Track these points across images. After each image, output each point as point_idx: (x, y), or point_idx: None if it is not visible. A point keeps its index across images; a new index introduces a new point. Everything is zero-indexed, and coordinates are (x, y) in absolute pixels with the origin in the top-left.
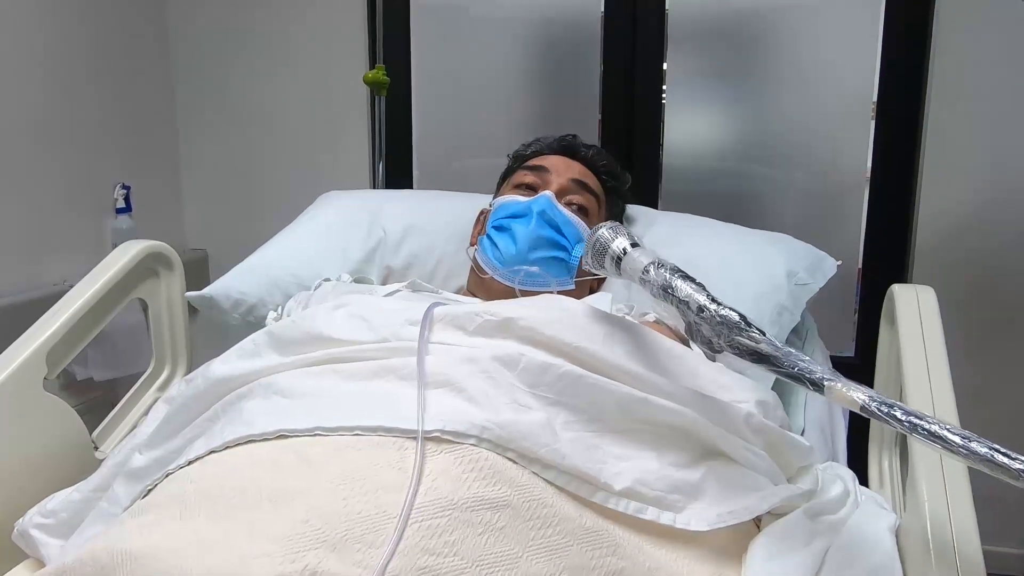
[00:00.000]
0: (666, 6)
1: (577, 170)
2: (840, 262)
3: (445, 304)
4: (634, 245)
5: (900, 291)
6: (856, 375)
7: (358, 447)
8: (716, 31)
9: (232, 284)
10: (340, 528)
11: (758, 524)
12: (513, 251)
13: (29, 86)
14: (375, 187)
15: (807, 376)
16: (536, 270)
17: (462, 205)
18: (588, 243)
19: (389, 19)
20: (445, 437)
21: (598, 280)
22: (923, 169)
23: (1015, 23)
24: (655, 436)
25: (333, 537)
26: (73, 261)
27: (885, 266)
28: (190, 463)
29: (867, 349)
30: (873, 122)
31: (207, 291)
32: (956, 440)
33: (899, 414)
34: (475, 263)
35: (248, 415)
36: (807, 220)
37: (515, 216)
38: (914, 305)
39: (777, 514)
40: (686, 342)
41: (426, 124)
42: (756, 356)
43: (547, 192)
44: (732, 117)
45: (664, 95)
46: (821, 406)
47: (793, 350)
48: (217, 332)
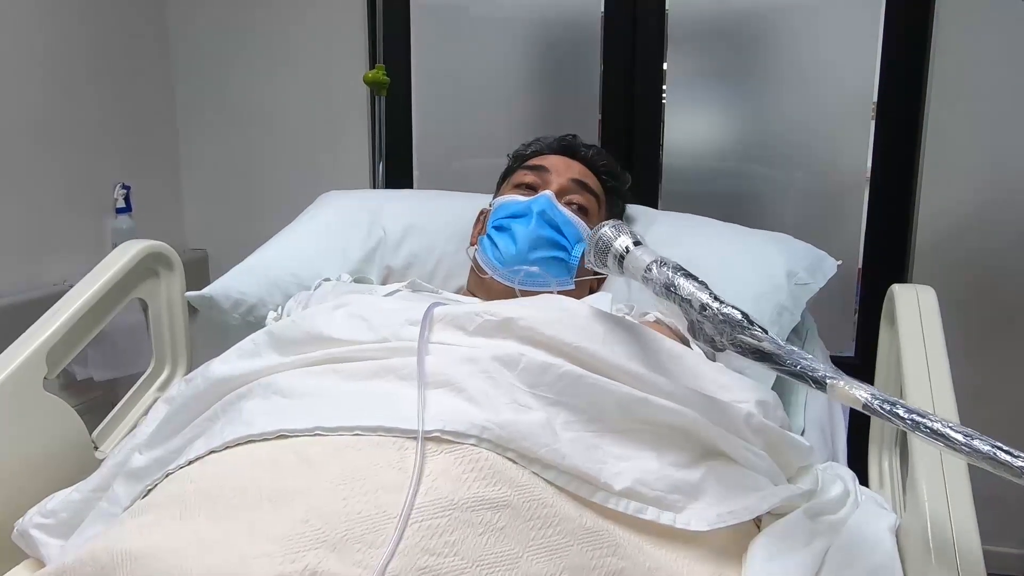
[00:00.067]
0: (666, 6)
1: (577, 170)
2: (840, 262)
3: (445, 304)
4: (637, 243)
5: (900, 291)
6: (856, 375)
7: (358, 447)
8: (716, 31)
9: (232, 284)
10: (340, 528)
11: (758, 524)
12: (513, 251)
13: (29, 86)
14: (375, 187)
15: (809, 374)
16: (536, 270)
17: (462, 205)
18: (590, 241)
19: (389, 19)
20: (445, 437)
21: (598, 280)
22: (923, 169)
23: (1015, 23)
24: (655, 436)
25: (333, 537)
26: (73, 261)
27: (885, 266)
28: (190, 463)
29: (867, 349)
30: (873, 122)
31: (207, 291)
32: (958, 438)
33: (901, 412)
34: (475, 263)
35: (248, 415)
36: (807, 220)
37: (515, 216)
38: (914, 305)
39: (777, 514)
40: (686, 342)
41: (426, 124)
42: (758, 354)
43: (547, 192)
44: (732, 117)
45: (664, 95)
46: (821, 406)
47: (795, 348)
48: (217, 332)
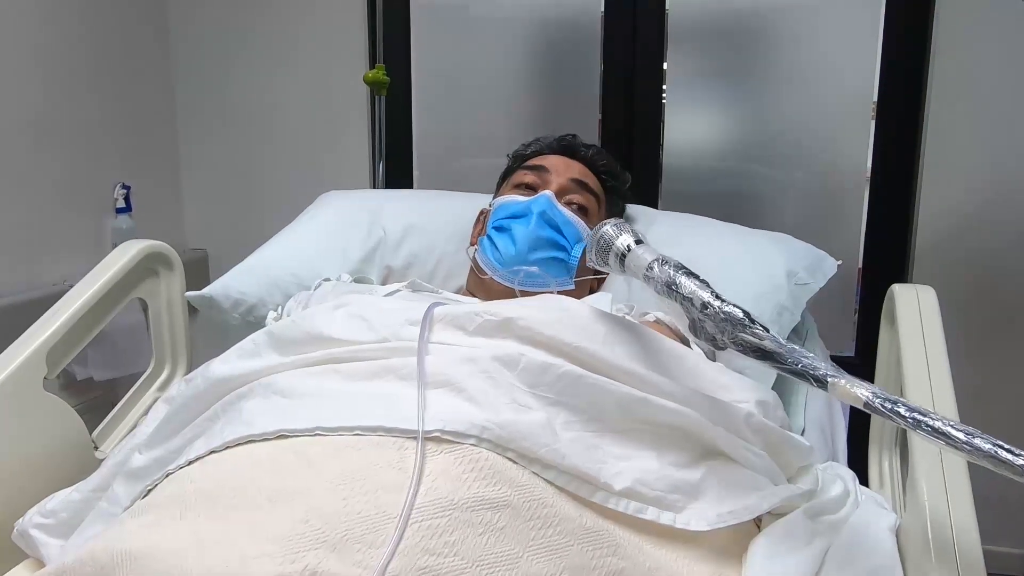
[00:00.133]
0: (666, 6)
1: (577, 170)
2: (840, 262)
3: (445, 304)
4: (638, 242)
5: (900, 291)
6: (856, 375)
7: (358, 447)
8: (716, 31)
9: (232, 284)
10: (340, 528)
11: (758, 524)
12: (513, 252)
13: (29, 86)
14: (375, 187)
15: (811, 372)
16: (536, 271)
17: (462, 205)
18: (592, 240)
19: (389, 19)
20: (445, 437)
21: (598, 280)
22: (923, 169)
23: (1015, 23)
24: (655, 436)
25: (333, 537)
26: (73, 261)
27: (885, 266)
28: (190, 463)
29: (867, 349)
30: (873, 122)
31: (207, 291)
32: (959, 436)
33: (902, 410)
34: (475, 263)
35: (248, 415)
36: (807, 220)
37: (515, 216)
38: (914, 305)
39: (777, 514)
40: (686, 342)
41: (426, 124)
42: (760, 353)
43: (547, 192)
44: (732, 117)
45: (664, 95)
46: (821, 406)
47: (797, 347)
48: (217, 332)
